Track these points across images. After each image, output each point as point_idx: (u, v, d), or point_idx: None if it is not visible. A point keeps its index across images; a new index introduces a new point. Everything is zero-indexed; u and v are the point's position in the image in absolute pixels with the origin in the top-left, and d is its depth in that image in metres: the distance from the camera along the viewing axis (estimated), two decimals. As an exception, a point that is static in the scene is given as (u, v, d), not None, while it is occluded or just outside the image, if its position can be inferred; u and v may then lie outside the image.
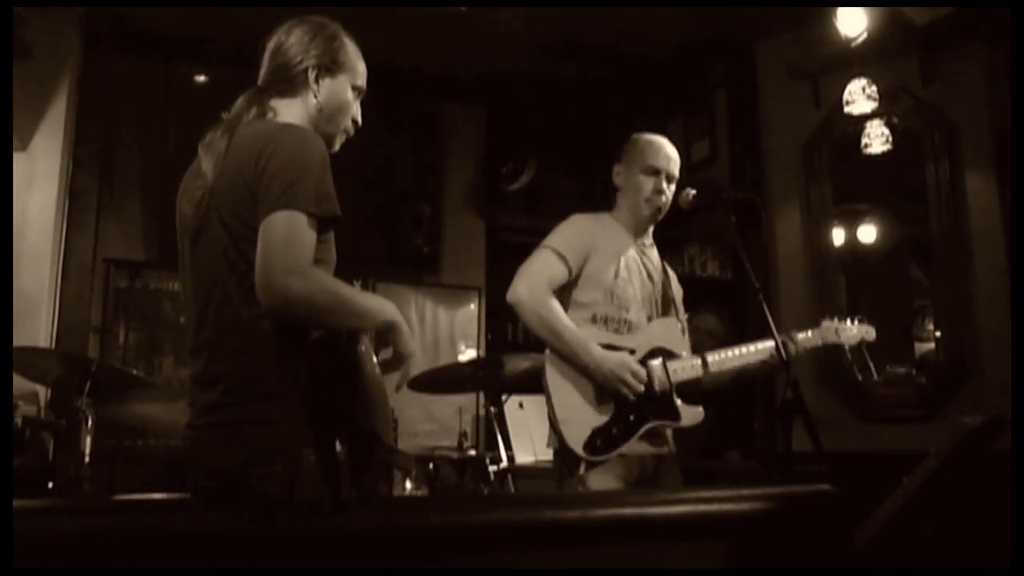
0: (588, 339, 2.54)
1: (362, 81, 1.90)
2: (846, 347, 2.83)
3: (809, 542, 1.26)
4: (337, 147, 1.88)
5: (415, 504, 1.39)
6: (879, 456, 3.77)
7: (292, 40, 1.83)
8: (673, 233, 2.96)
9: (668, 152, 2.78)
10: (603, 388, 2.53)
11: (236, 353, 1.65)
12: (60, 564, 0.84)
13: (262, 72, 1.85)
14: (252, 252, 1.61)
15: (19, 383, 3.29)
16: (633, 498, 1.42)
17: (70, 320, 4.32)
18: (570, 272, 2.61)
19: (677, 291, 2.87)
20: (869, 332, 2.85)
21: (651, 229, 2.84)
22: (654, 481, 2.58)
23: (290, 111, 1.81)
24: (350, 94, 1.87)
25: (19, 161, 3.98)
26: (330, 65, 1.83)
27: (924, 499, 1.49)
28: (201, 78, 4.84)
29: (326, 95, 1.82)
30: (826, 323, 2.82)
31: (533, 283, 2.55)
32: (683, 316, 2.86)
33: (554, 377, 2.56)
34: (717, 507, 1.25)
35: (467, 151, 5.66)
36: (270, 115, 1.78)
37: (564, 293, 2.63)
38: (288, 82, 1.81)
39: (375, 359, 1.69)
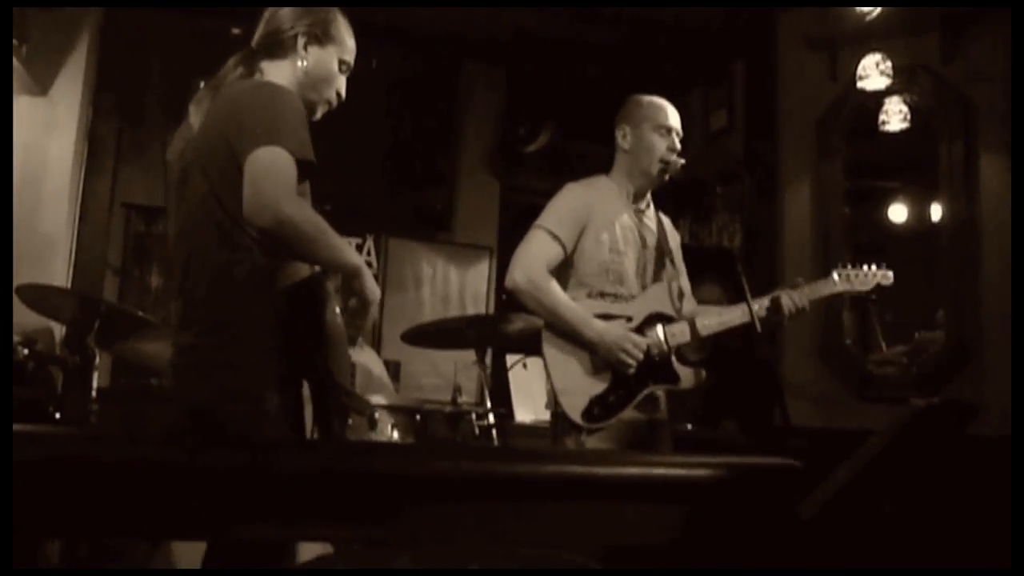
0: (587, 315, 2.58)
1: (350, 57, 1.98)
2: (864, 292, 2.78)
3: (761, 513, 1.31)
4: (318, 116, 1.96)
5: (363, 449, 1.46)
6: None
7: (287, 8, 1.92)
8: (698, 203, 2.95)
9: (675, 112, 2.80)
10: (603, 359, 2.58)
11: (210, 297, 1.74)
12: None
13: (256, 34, 1.93)
14: (230, 200, 1.69)
15: (34, 319, 3.42)
16: (583, 457, 1.47)
17: (87, 262, 4.44)
18: (565, 250, 2.65)
19: (675, 246, 2.87)
20: (886, 276, 2.79)
21: (649, 193, 2.84)
22: (648, 446, 2.63)
23: (277, 73, 1.89)
24: (336, 66, 1.95)
25: (39, 106, 4.08)
26: (320, 35, 1.91)
27: (873, 477, 1.53)
28: (235, 31, 4.85)
29: (313, 62, 1.90)
30: (837, 271, 2.78)
31: (529, 268, 2.60)
32: (681, 272, 2.87)
33: (551, 348, 2.61)
34: (665, 471, 1.31)
35: (486, 112, 5.65)
36: (257, 75, 1.86)
37: (562, 270, 2.68)
38: (278, 45, 1.90)
39: (337, 308, 1.76)
